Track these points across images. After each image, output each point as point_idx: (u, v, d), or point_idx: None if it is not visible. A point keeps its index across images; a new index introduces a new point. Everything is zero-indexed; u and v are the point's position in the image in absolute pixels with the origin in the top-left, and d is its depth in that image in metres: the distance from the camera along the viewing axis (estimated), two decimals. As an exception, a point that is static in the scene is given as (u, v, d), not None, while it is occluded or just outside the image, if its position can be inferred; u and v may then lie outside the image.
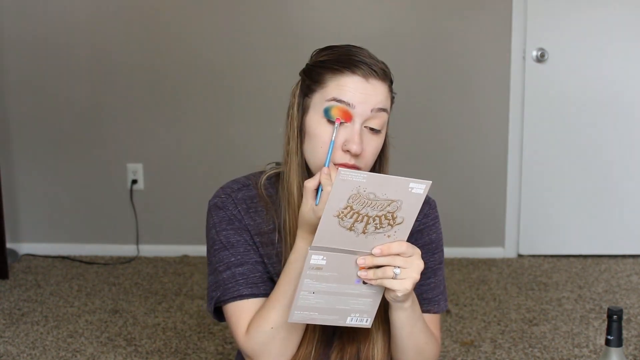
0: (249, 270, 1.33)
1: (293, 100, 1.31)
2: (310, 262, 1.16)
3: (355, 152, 1.24)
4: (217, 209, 1.36)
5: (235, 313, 1.33)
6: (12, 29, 3.66)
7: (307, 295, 1.18)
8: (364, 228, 1.14)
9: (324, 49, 1.33)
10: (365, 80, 1.25)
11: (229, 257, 1.34)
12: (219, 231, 1.36)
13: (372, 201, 1.11)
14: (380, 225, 1.14)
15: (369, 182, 1.09)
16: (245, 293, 1.32)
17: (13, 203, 3.78)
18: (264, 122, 3.63)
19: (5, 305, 3.13)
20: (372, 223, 1.14)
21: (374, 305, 1.23)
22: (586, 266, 3.59)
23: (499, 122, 3.68)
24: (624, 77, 3.62)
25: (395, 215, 1.14)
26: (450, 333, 2.81)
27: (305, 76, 1.31)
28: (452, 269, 3.53)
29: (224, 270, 1.34)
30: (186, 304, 3.13)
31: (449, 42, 3.63)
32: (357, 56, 1.27)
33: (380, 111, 1.27)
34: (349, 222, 1.13)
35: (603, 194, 3.70)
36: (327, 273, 1.17)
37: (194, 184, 3.74)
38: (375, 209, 1.12)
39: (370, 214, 1.12)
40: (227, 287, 1.33)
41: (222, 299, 1.34)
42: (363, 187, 1.09)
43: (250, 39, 3.65)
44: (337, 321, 1.23)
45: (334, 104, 1.25)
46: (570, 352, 2.65)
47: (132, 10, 3.65)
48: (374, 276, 1.18)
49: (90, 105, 3.73)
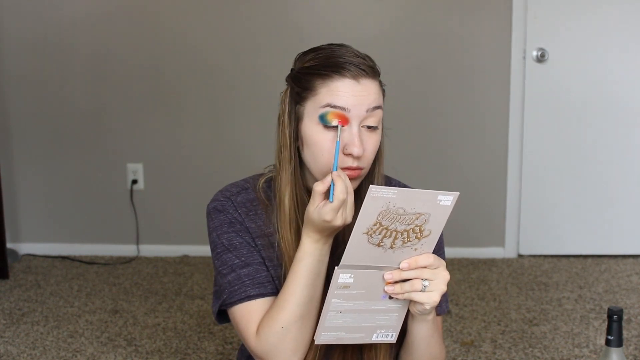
0: (254, 270, 1.32)
1: (283, 108, 1.30)
2: (338, 281, 1.13)
3: (357, 154, 1.24)
4: (217, 212, 1.36)
5: (245, 316, 1.31)
6: (12, 28, 3.66)
7: (334, 315, 1.17)
8: (392, 243, 1.12)
9: (307, 53, 1.31)
10: (356, 81, 1.24)
11: (233, 259, 1.33)
12: (220, 234, 1.35)
13: (401, 216, 1.09)
14: (407, 239, 1.13)
15: (398, 198, 1.08)
16: (252, 293, 1.31)
17: (13, 203, 3.78)
18: (264, 122, 3.60)
19: (5, 305, 3.13)
20: (400, 238, 1.12)
21: (399, 320, 1.22)
22: (586, 266, 3.59)
23: (499, 122, 3.68)
24: (624, 77, 3.62)
25: (423, 229, 1.13)
26: (450, 333, 2.81)
27: (293, 83, 1.29)
28: (452, 269, 3.53)
29: (229, 273, 1.33)
30: (186, 304, 3.13)
31: (449, 42, 3.63)
32: (344, 57, 1.26)
33: (375, 109, 1.26)
34: (377, 238, 1.11)
35: (603, 194, 3.70)
36: (354, 291, 1.15)
37: (194, 184, 3.74)
38: (403, 223, 1.10)
39: (398, 229, 1.11)
40: (233, 289, 1.32)
41: (228, 302, 1.33)
42: (393, 202, 1.08)
43: (250, 39, 3.65)
44: (364, 339, 1.21)
45: (329, 109, 1.24)
46: (570, 352, 2.65)
47: (133, 11, 3.65)
48: (401, 290, 1.17)
49: (90, 105, 3.73)
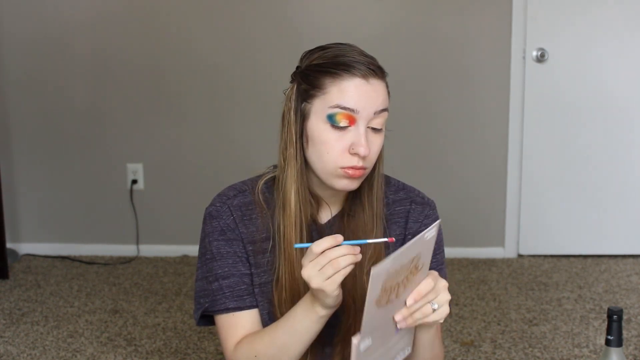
0: (235, 282, 1.35)
1: (289, 105, 1.30)
2: (361, 349, 1.12)
3: (363, 154, 1.24)
4: (211, 218, 1.37)
5: (224, 327, 1.36)
6: (12, 28, 3.66)
7: None
8: (397, 294, 1.13)
9: (315, 51, 1.31)
10: (365, 81, 1.25)
11: (217, 268, 1.36)
12: (211, 241, 1.37)
13: (399, 271, 1.10)
14: (407, 283, 1.14)
15: (395, 262, 1.08)
16: (231, 306, 1.34)
17: (13, 203, 3.78)
18: (264, 122, 3.62)
19: (5, 305, 3.13)
20: (402, 285, 1.13)
21: (411, 336, 1.24)
22: (586, 266, 3.59)
23: (499, 122, 3.68)
24: (624, 77, 3.62)
25: (417, 265, 1.13)
26: (450, 333, 2.81)
27: (301, 80, 1.29)
28: (452, 269, 3.53)
29: (213, 282, 1.36)
30: (186, 304, 3.13)
31: (449, 42, 3.63)
32: (353, 56, 1.26)
33: (382, 112, 1.27)
34: (385, 299, 1.11)
35: (603, 194, 3.70)
36: (373, 346, 1.15)
37: (194, 184, 3.74)
38: (402, 274, 1.11)
39: (399, 281, 1.12)
40: (215, 298, 1.36)
41: (210, 310, 1.37)
42: (391, 268, 1.08)
43: (250, 39, 3.65)
44: None
45: (338, 110, 1.24)
46: (570, 352, 2.65)
47: (133, 11, 3.65)
48: (414, 321, 1.17)
49: (90, 105, 3.73)
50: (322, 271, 1.15)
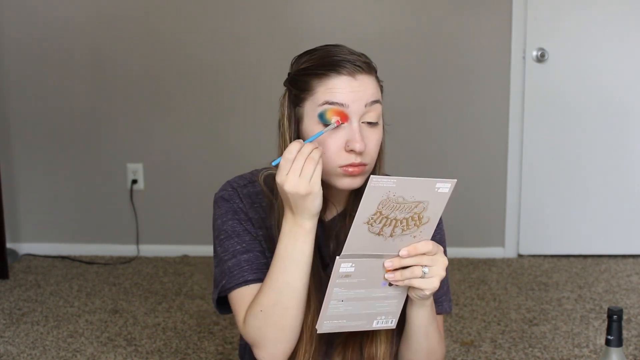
0: (254, 257, 1.33)
1: (283, 112, 1.31)
2: (340, 270, 1.15)
3: (359, 150, 1.24)
4: (223, 201, 1.37)
5: (239, 300, 1.32)
6: (12, 29, 3.67)
7: (336, 304, 1.18)
8: (391, 231, 1.14)
9: (303, 55, 1.32)
10: (352, 78, 1.25)
11: (235, 245, 1.34)
12: (225, 221, 1.36)
13: (401, 204, 1.11)
14: (407, 227, 1.14)
15: (398, 187, 1.09)
16: (250, 278, 1.32)
17: (13, 203, 3.78)
18: (263, 122, 3.61)
19: (5, 305, 3.13)
20: (399, 226, 1.14)
21: (398, 306, 1.24)
22: (586, 266, 3.58)
23: (499, 122, 3.67)
24: (623, 77, 3.62)
25: (422, 216, 1.14)
26: (450, 333, 2.81)
27: (291, 86, 1.30)
28: (452, 269, 3.53)
29: (229, 259, 1.34)
30: (186, 304, 3.13)
31: (449, 42, 3.63)
32: (339, 55, 1.26)
33: (373, 104, 1.27)
34: (377, 227, 1.13)
35: (603, 194, 3.70)
36: (355, 280, 1.17)
37: (194, 184, 3.74)
38: (403, 211, 1.12)
39: (398, 217, 1.12)
40: (233, 274, 1.33)
41: (227, 287, 1.33)
42: (392, 191, 1.09)
43: (248, 40, 3.65)
44: (364, 326, 1.23)
45: (328, 107, 1.24)
46: (570, 352, 2.65)
47: (132, 12, 3.65)
48: (402, 277, 1.18)
49: (90, 106, 3.73)
50: (304, 174, 1.18)
